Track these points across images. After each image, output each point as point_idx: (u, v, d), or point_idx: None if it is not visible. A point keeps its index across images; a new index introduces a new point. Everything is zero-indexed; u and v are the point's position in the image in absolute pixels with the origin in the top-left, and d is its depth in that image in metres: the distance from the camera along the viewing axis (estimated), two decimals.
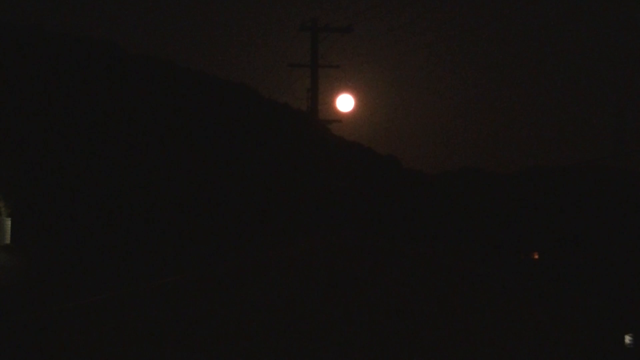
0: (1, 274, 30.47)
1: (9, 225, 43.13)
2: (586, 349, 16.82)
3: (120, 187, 46.77)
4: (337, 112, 29.66)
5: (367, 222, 54.12)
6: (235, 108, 58.84)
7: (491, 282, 18.18)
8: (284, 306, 17.19)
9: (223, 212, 50.34)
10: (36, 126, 46.43)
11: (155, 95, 53.48)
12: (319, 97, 29.25)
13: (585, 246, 56.47)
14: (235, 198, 51.67)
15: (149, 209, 46.96)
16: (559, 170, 70.73)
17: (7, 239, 42.75)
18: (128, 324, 16.43)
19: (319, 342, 16.86)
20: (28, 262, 35.48)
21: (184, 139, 52.34)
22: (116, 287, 20.58)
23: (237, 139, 55.73)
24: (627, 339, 15.81)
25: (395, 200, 61.33)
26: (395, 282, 18.02)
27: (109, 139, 48.43)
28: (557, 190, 67.48)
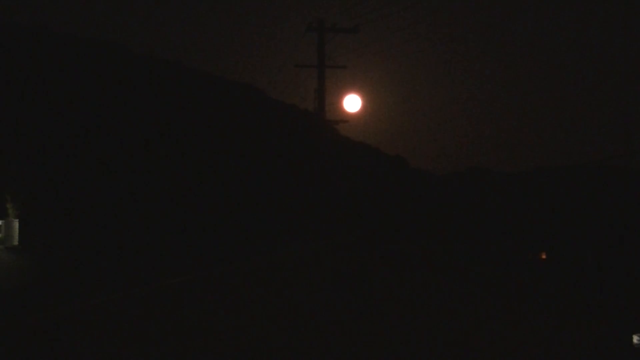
0: (9, 275, 30.55)
1: (17, 227, 43.25)
2: (594, 349, 16.75)
3: (127, 188, 46.81)
4: (344, 113, 29.63)
5: (375, 223, 54.04)
6: (242, 108, 58.85)
7: (498, 282, 18.14)
8: (289, 307, 17.18)
9: (229, 213, 50.34)
10: (43, 128, 46.51)
11: (162, 96, 53.52)
12: (326, 98, 29.22)
13: (593, 246, 56.29)
14: (241, 198, 51.66)
15: (155, 209, 46.99)
16: (567, 170, 70.53)
17: (15, 240, 42.88)
18: (134, 325, 16.44)
19: (324, 343, 16.84)
20: (35, 262, 35.57)
21: (190, 139, 52.36)
22: (122, 288, 20.60)
23: (244, 140, 55.74)
24: (635, 338, 15.74)
25: (402, 200, 61.25)
26: (402, 282, 18.00)
27: (116, 140, 48.48)
28: (565, 190, 67.29)
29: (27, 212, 43.81)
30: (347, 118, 30.24)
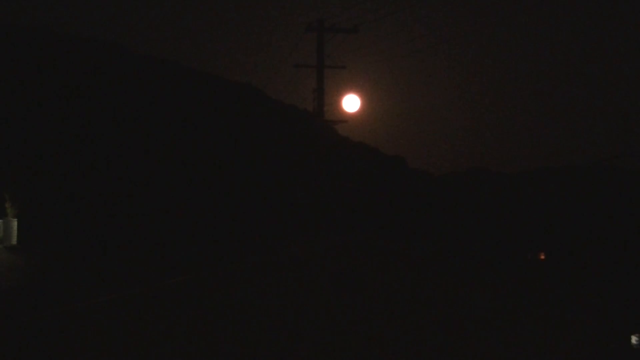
0: (8, 275, 30.55)
1: (16, 226, 43.21)
2: (593, 349, 16.77)
3: (126, 188, 46.81)
4: (343, 113, 29.63)
5: (374, 223, 54.07)
6: (241, 109, 58.85)
7: (498, 282, 18.15)
8: (289, 307, 17.19)
9: (228, 213, 50.35)
10: (42, 127, 46.52)
11: (161, 96, 53.52)
12: (325, 98, 29.24)
13: (592, 246, 56.29)
14: (240, 199, 51.68)
15: (154, 209, 47.00)
16: (567, 170, 70.54)
17: (14, 240, 42.83)
18: (134, 325, 16.44)
19: (324, 342, 16.85)
20: (34, 262, 35.56)
21: (189, 139, 52.38)
22: (122, 288, 20.59)
23: (242, 140, 55.75)
24: (634, 339, 15.77)
25: (401, 200, 61.26)
26: (401, 282, 18.00)
27: (115, 140, 48.50)
28: (565, 191, 67.29)
29: (26, 212, 43.78)
30: (346, 118, 30.25)
